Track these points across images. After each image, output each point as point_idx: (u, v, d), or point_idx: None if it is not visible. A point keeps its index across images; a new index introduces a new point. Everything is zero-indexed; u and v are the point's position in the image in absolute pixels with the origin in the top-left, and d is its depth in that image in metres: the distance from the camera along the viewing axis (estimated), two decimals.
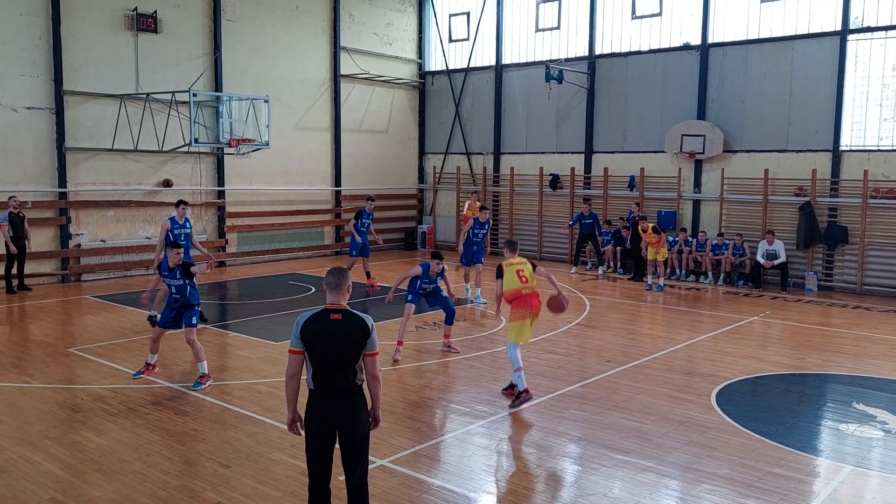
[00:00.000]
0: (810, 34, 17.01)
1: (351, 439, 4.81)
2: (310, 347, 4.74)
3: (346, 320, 4.76)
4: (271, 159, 19.68)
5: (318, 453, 4.84)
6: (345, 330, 4.74)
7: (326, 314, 4.77)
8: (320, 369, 4.73)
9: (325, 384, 4.75)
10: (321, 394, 4.76)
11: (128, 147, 17.01)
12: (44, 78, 16.06)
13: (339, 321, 4.74)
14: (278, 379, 9.32)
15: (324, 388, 4.75)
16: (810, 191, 16.87)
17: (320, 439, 4.80)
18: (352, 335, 4.74)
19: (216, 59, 18.77)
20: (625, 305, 14.83)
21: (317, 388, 4.77)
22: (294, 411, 4.93)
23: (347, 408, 4.77)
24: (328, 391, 4.76)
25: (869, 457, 7.16)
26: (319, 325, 4.74)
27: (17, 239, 14.87)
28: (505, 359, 10.43)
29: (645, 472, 6.61)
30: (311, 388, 4.81)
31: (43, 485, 6.19)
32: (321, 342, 4.72)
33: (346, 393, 4.78)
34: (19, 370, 9.63)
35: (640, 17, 19.74)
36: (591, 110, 20.58)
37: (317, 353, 4.73)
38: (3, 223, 14.68)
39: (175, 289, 9.16)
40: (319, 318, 4.77)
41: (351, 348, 4.75)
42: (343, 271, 4.95)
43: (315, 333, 4.73)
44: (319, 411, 4.76)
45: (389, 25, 23.32)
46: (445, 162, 24.01)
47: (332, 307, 4.81)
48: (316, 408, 4.78)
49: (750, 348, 11.31)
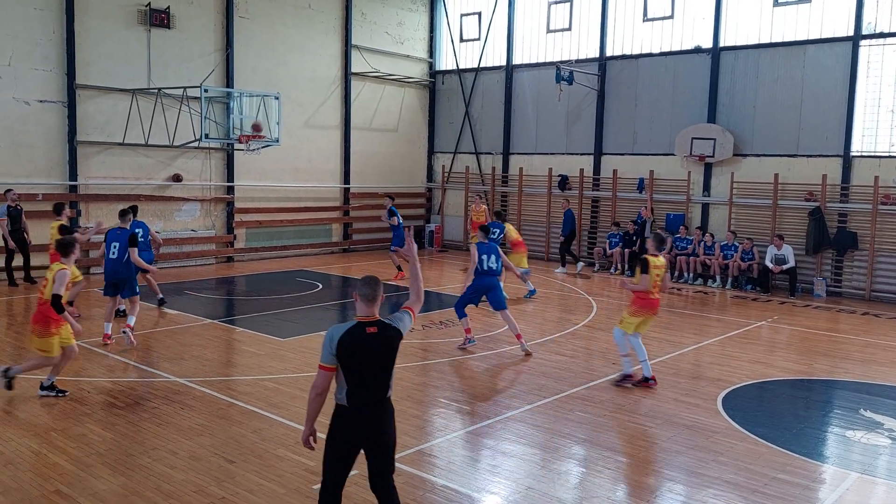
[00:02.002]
0: (822, 39, 16.93)
1: (383, 450, 4.71)
2: (346, 363, 4.55)
3: (382, 332, 4.62)
4: (281, 156, 19.73)
5: (343, 464, 4.70)
6: (382, 342, 4.61)
7: (362, 328, 4.58)
8: (357, 383, 4.57)
9: (361, 398, 4.59)
10: (356, 408, 4.59)
11: (139, 142, 17.08)
12: (56, 72, 16.14)
13: (376, 334, 4.59)
14: (284, 375, 9.35)
15: (360, 402, 4.59)
16: (820, 196, 16.79)
17: (350, 453, 4.67)
18: (389, 346, 4.64)
19: (228, 55, 18.82)
20: None
21: (351, 403, 4.58)
22: (312, 427, 4.78)
23: (382, 419, 4.67)
24: (364, 404, 4.60)
25: (875, 464, 7.13)
26: (356, 341, 4.55)
27: (16, 232, 14.76)
28: (510, 358, 10.45)
29: (650, 476, 6.60)
30: (344, 403, 4.62)
31: (49, 477, 6.22)
32: (358, 357, 4.55)
33: (381, 404, 4.67)
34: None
35: (652, 19, 19.69)
36: (601, 112, 20.54)
37: (354, 368, 4.56)
38: (3, 217, 14.58)
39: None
40: (355, 333, 4.56)
41: (388, 359, 4.66)
42: (377, 282, 4.72)
43: (351, 349, 4.54)
44: (354, 426, 4.60)
45: (401, 24, 23.33)
46: (454, 161, 24.01)
47: (367, 320, 4.62)
48: (349, 422, 4.61)
49: (757, 353, 11.27)
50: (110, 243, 10.81)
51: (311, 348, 10.75)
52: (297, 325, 12.37)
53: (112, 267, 10.78)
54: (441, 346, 11.08)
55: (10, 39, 15.46)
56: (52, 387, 8.27)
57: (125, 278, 10.78)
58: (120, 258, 10.69)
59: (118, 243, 10.72)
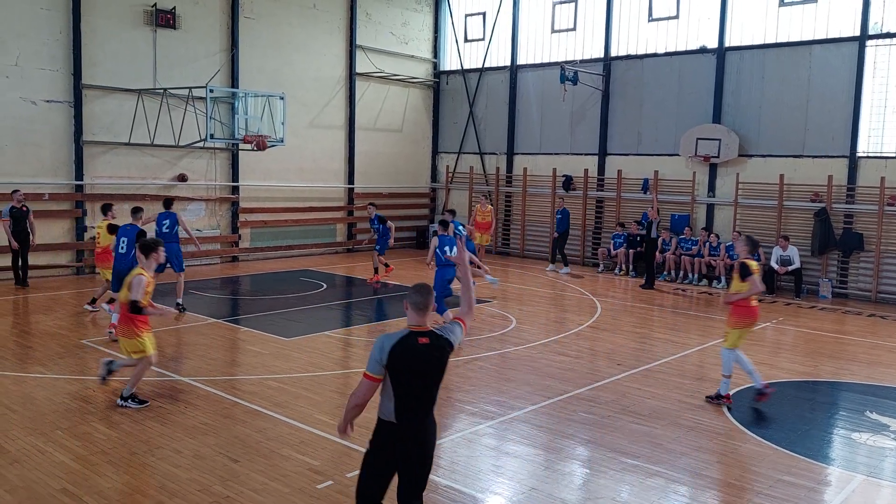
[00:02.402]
0: (828, 39, 16.88)
1: (422, 469, 4.47)
2: (396, 375, 4.32)
3: (434, 343, 4.39)
4: (285, 156, 19.76)
5: (385, 482, 4.49)
6: (434, 354, 4.38)
7: (413, 338, 4.35)
8: (406, 396, 4.34)
9: (408, 411, 4.35)
10: (403, 423, 4.35)
11: (144, 141, 17.12)
12: (63, 72, 16.19)
13: (428, 345, 4.36)
14: (289, 375, 9.36)
15: (408, 417, 4.35)
16: (826, 197, 16.75)
17: (391, 468, 4.44)
18: (440, 358, 4.43)
19: (233, 55, 18.86)
20: (636, 309, 14.77)
21: (399, 419, 4.34)
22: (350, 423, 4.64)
23: (427, 437, 4.46)
24: (412, 419, 4.37)
25: (881, 466, 7.11)
26: (407, 351, 4.31)
27: (19, 233, 14.60)
28: (514, 359, 10.44)
29: (654, 477, 6.59)
30: (390, 419, 4.37)
31: (54, 475, 6.24)
32: (410, 369, 4.33)
33: (427, 420, 4.46)
34: (33, 361, 9.72)
35: (657, 19, 19.66)
36: (606, 112, 20.52)
37: (404, 380, 4.33)
38: (6, 218, 14.49)
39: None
40: (407, 343, 4.33)
41: (439, 372, 4.46)
42: (428, 289, 4.52)
43: (402, 360, 4.31)
44: (400, 442, 4.37)
45: (405, 25, 23.35)
46: (458, 161, 24.01)
47: (418, 329, 4.40)
48: (396, 438, 4.37)
49: (762, 354, 11.23)
50: (119, 238, 11.12)
51: (315, 348, 10.77)
52: (302, 325, 12.38)
53: (119, 262, 11.01)
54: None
55: (17, 39, 15.51)
56: (132, 397, 7.98)
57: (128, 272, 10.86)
58: (127, 253, 10.88)
59: (126, 239, 10.97)
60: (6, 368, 9.33)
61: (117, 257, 11.10)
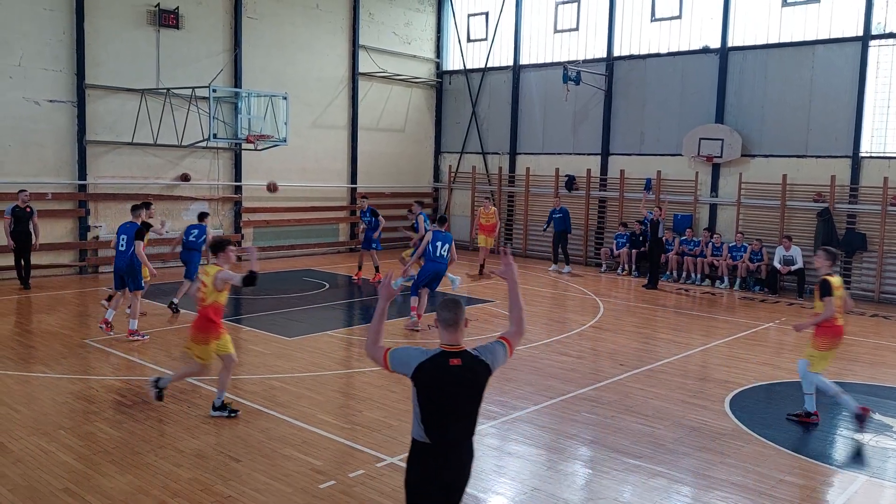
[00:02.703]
0: (831, 39, 16.86)
1: (453, 497, 4.20)
2: (422, 395, 4.09)
3: (467, 365, 4.08)
4: (288, 156, 19.78)
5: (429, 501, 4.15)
6: (466, 377, 4.07)
7: (445, 359, 4.07)
8: (433, 421, 4.07)
9: (439, 436, 4.08)
10: (433, 447, 4.09)
11: (147, 141, 17.15)
12: (66, 72, 16.21)
13: (460, 367, 4.05)
14: (291, 375, 9.37)
15: (437, 441, 4.08)
16: (829, 197, 16.72)
17: (430, 494, 4.12)
18: (474, 383, 4.10)
19: (236, 55, 18.88)
20: (639, 309, 14.76)
21: (429, 441, 4.10)
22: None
23: (462, 464, 4.16)
24: (441, 444, 4.09)
25: (884, 467, 7.10)
26: (437, 372, 4.05)
27: (20, 234, 14.45)
28: (516, 359, 10.42)
29: (656, 478, 6.58)
30: (420, 439, 4.13)
31: (57, 475, 6.25)
32: (438, 391, 4.06)
33: (461, 446, 4.15)
34: (36, 360, 9.74)
35: (660, 19, 19.64)
36: (609, 112, 20.50)
37: (432, 401, 4.07)
38: (7, 216, 14.41)
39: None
40: (437, 363, 4.06)
41: (472, 397, 4.12)
42: (458, 304, 4.19)
43: (430, 380, 4.06)
44: (431, 469, 4.09)
45: (408, 25, 23.35)
46: (461, 161, 24.01)
47: (451, 349, 4.11)
48: (426, 464, 4.11)
49: (765, 355, 11.23)
50: (119, 236, 11.15)
51: (317, 348, 10.78)
52: (304, 325, 12.39)
53: (119, 259, 11.10)
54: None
55: (20, 39, 15.54)
56: (223, 406, 7.77)
57: (129, 271, 11.04)
58: (126, 251, 10.98)
59: (126, 236, 11.03)
60: (9, 368, 9.35)
61: (117, 255, 11.13)
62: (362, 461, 6.71)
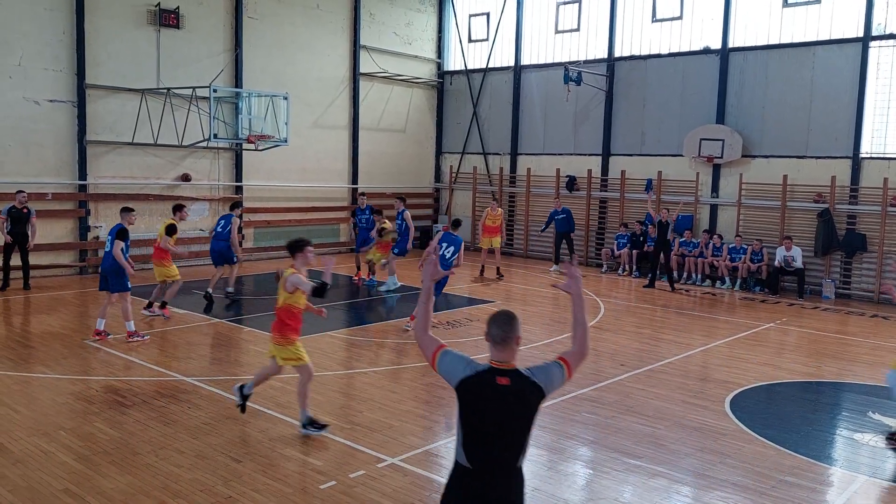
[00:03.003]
0: (832, 40, 16.85)
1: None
2: (465, 412, 3.77)
3: (516, 386, 3.73)
4: (289, 156, 19.78)
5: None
6: (514, 398, 3.72)
7: (492, 376, 3.74)
8: (476, 443, 3.75)
9: (480, 460, 3.74)
10: (474, 472, 3.75)
11: (148, 141, 17.14)
12: (66, 72, 16.21)
13: (507, 387, 3.71)
14: (291, 375, 9.32)
15: (479, 466, 3.74)
16: (829, 197, 16.72)
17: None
18: (523, 405, 3.74)
19: (237, 55, 18.88)
20: (640, 309, 14.76)
21: (469, 464, 3.75)
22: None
23: (505, 493, 3.75)
24: (483, 469, 3.74)
25: (884, 467, 7.10)
26: (481, 390, 3.74)
27: (16, 235, 14.27)
28: (519, 360, 10.41)
29: (657, 478, 6.58)
30: (461, 462, 3.78)
31: (57, 475, 6.25)
32: (482, 411, 3.73)
33: (505, 473, 3.75)
34: (36, 361, 9.73)
35: (661, 20, 19.63)
36: (610, 113, 20.50)
37: (474, 421, 3.75)
38: (2, 216, 14.20)
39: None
40: (482, 380, 3.75)
41: (519, 421, 3.75)
42: (510, 319, 3.84)
43: (474, 398, 3.75)
44: (470, 495, 3.74)
45: (409, 25, 23.35)
46: (462, 162, 24.01)
47: (499, 366, 3.77)
48: (466, 489, 3.76)
49: (766, 355, 11.23)
50: (109, 237, 10.96)
51: (318, 348, 10.77)
52: (305, 325, 12.28)
53: (104, 260, 10.93)
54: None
55: (20, 39, 15.54)
56: (312, 422, 7.33)
57: (112, 272, 10.72)
58: (109, 251, 10.73)
59: (110, 237, 10.82)
60: (9, 368, 9.35)
61: (105, 255, 10.90)
62: (363, 462, 6.71)
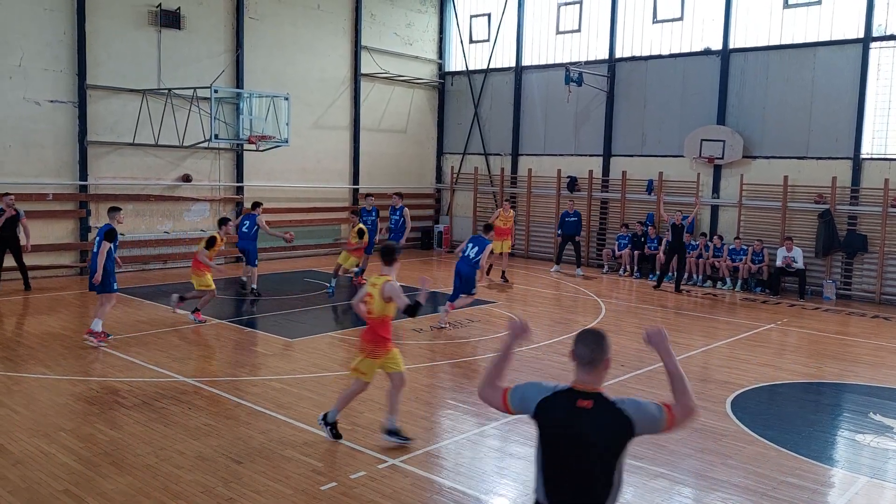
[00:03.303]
0: (832, 41, 16.84)
1: None
2: (545, 439, 3.49)
3: (599, 411, 3.40)
4: (290, 157, 19.77)
5: None
6: (597, 424, 3.39)
7: (573, 398, 3.45)
8: (556, 476, 3.45)
9: (561, 495, 3.44)
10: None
11: (148, 142, 17.14)
12: (67, 72, 16.22)
13: (589, 412, 3.40)
14: (292, 376, 9.37)
15: (560, 499, 3.46)
16: (830, 198, 16.71)
17: None
18: (607, 432, 3.39)
19: (238, 56, 18.88)
20: (640, 309, 14.75)
21: (548, 497, 3.47)
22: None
23: None
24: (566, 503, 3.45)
25: (885, 468, 7.09)
26: (560, 412, 3.44)
27: (3, 238, 14.13)
28: (517, 360, 10.41)
29: (658, 479, 6.58)
30: (542, 499, 3.52)
31: (57, 476, 6.25)
32: (560, 435, 3.43)
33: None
34: (36, 361, 9.73)
35: (661, 21, 19.63)
36: (610, 113, 20.50)
37: (555, 449, 3.45)
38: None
39: None
40: (562, 402, 3.46)
41: (601, 452, 3.39)
42: (599, 339, 3.59)
43: (552, 422, 3.45)
44: None
45: (410, 26, 23.36)
46: (463, 162, 24.01)
47: (582, 388, 3.48)
48: None
49: (766, 356, 11.22)
50: (97, 238, 10.84)
51: (319, 349, 10.77)
52: (306, 326, 12.39)
53: (93, 261, 10.75)
54: (449, 347, 11.07)
55: (20, 40, 15.55)
56: (397, 432, 7.18)
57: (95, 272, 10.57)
58: (97, 252, 10.61)
59: (98, 237, 10.73)
60: (9, 369, 9.35)
61: (92, 255, 10.79)
62: (364, 463, 6.70)
